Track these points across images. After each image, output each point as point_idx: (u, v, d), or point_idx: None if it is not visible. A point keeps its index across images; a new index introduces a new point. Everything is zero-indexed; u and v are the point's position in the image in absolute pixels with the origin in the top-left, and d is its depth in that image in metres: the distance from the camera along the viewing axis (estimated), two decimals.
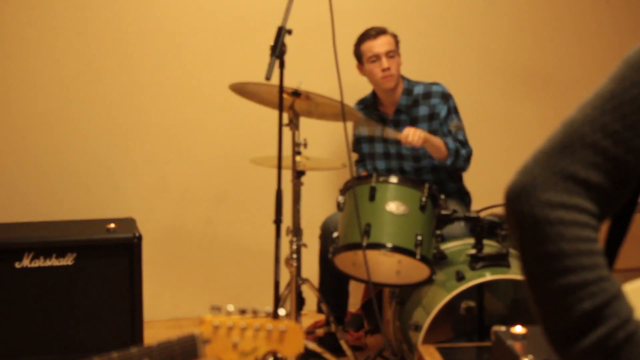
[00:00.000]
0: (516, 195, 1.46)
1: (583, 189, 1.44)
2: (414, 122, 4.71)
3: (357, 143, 4.92)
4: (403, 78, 4.81)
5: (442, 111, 4.68)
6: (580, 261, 1.41)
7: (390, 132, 4.67)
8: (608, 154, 1.45)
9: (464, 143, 4.66)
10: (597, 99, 1.52)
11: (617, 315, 1.40)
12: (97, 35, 5.19)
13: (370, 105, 4.87)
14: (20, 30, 5.08)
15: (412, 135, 4.38)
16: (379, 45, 4.68)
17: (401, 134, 4.46)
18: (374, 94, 4.87)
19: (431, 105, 4.71)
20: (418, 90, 4.76)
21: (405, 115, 4.75)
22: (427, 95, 4.73)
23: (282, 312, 2.13)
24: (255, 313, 2.08)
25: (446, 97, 4.72)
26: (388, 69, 4.65)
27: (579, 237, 1.42)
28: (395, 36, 4.77)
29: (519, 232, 1.47)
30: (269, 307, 2.12)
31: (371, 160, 4.86)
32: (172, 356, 2.03)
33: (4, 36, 5.06)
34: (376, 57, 4.67)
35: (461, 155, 4.61)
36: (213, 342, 2.06)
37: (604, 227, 1.56)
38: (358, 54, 4.78)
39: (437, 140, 4.52)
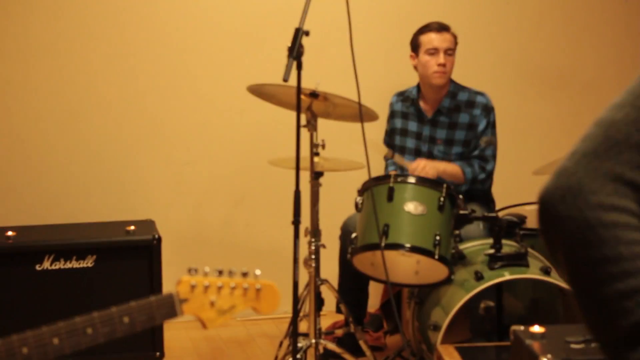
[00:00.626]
0: (560, 198, 1.41)
1: (630, 190, 1.39)
2: (452, 127, 4.71)
3: (392, 134, 4.93)
4: (451, 80, 4.80)
5: (481, 124, 4.68)
6: (638, 265, 1.36)
7: (399, 159, 4.66)
8: None
9: (488, 160, 4.67)
10: (633, 97, 1.46)
11: None
12: (116, 37, 5.22)
13: (410, 99, 4.86)
14: (37, 35, 5.11)
15: (420, 170, 4.42)
16: (441, 40, 4.68)
17: (410, 165, 4.49)
18: (418, 88, 4.86)
19: (472, 115, 4.70)
20: (462, 96, 4.75)
21: (445, 118, 4.74)
22: (471, 104, 4.72)
23: (257, 272, 2.18)
24: (231, 273, 2.12)
25: (488, 110, 4.71)
26: (444, 65, 4.65)
27: (634, 240, 1.37)
28: (455, 36, 4.76)
29: (566, 237, 1.41)
30: (245, 268, 2.14)
31: (400, 154, 4.86)
32: (151, 315, 2.09)
33: (28, 41, 5.08)
34: (435, 50, 4.66)
35: (479, 181, 4.66)
36: (190, 300, 2.13)
37: None
38: (415, 44, 4.76)
39: (452, 169, 4.55)
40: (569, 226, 1.40)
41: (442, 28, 4.71)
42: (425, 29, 4.74)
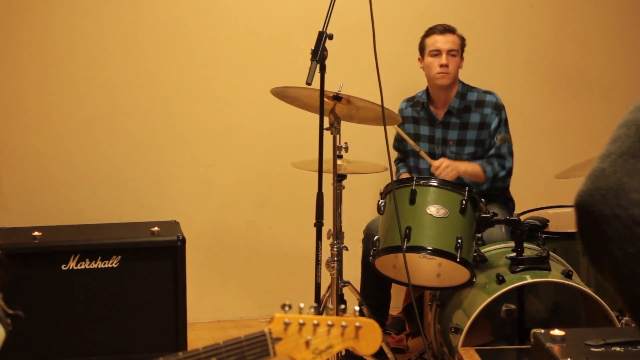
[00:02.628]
0: (601, 199, 1.43)
1: None
2: (463, 128, 4.72)
3: (402, 140, 4.94)
4: (459, 81, 4.82)
5: (493, 122, 4.70)
6: None
7: (425, 156, 4.68)
8: None
9: (506, 157, 4.69)
10: None
11: None
12: (141, 40, 5.25)
13: (421, 103, 4.88)
14: (66, 37, 5.15)
15: (442, 170, 4.45)
16: (444, 41, 4.71)
17: (433, 162, 4.51)
18: (427, 92, 4.88)
19: (483, 114, 4.72)
20: (472, 96, 4.77)
21: (456, 119, 4.75)
22: (481, 103, 4.74)
23: (356, 308, 2.01)
24: (327, 309, 1.98)
25: (499, 108, 4.73)
26: (446, 65, 4.67)
27: None
28: (462, 38, 4.79)
29: (611, 236, 1.42)
30: (343, 305, 2.03)
31: (414, 158, 4.88)
32: (241, 356, 1.92)
33: (51, 44, 5.13)
34: (437, 52, 4.70)
35: (499, 179, 4.67)
36: (284, 340, 1.95)
37: None
38: (421, 47, 4.81)
39: (473, 169, 4.57)
40: (614, 225, 1.41)
41: (445, 30, 4.73)
42: (429, 31, 4.78)
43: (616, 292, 1.45)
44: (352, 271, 4.72)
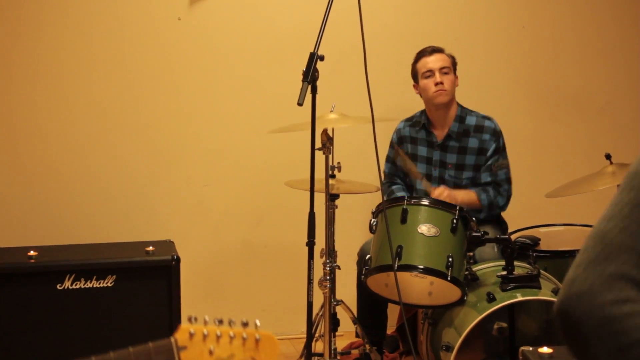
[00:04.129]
0: (577, 304, 1.57)
1: (635, 284, 1.57)
2: (462, 152, 4.75)
3: (397, 164, 4.98)
4: (457, 104, 4.86)
5: (491, 148, 4.73)
6: None
7: (425, 183, 4.72)
8: None
9: (502, 184, 4.72)
10: (620, 210, 1.64)
11: None
12: (135, 62, 5.28)
13: (420, 124, 4.91)
14: (57, 56, 5.18)
15: (441, 197, 4.48)
16: (434, 61, 4.75)
17: (433, 191, 4.55)
18: (425, 115, 4.90)
19: (482, 140, 4.74)
20: (470, 120, 4.80)
21: (455, 142, 4.78)
22: (479, 128, 4.77)
23: (257, 322, 2.16)
24: (231, 323, 2.11)
25: (497, 134, 4.76)
26: (441, 83, 4.70)
27: None
28: (452, 57, 4.83)
29: (590, 335, 1.56)
30: (246, 319, 2.17)
31: (411, 179, 4.91)
32: None
33: (41, 62, 5.16)
34: (430, 72, 4.73)
35: (498, 206, 4.71)
36: (189, 348, 2.05)
37: None
38: (414, 73, 4.84)
39: (469, 198, 4.60)
40: (591, 325, 1.56)
41: (433, 50, 4.78)
42: (418, 55, 4.82)
43: None
44: (346, 290, 4.75)
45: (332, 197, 4.22)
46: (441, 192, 4.54)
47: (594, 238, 1.65)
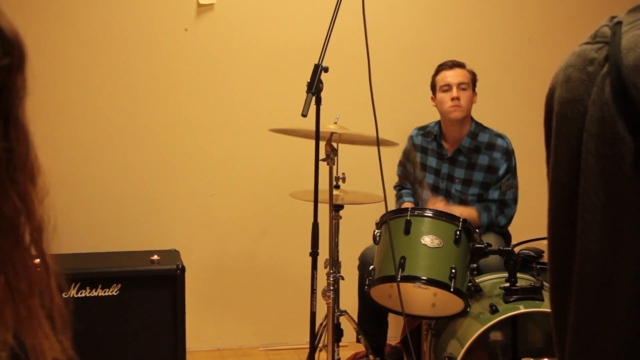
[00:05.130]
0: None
1: None
2: (471, 168, 4.77)
3: (408, 166, 5.00)
4: (472, 120, 4.87)
5: (502, 168, 4.74)
6: None
7: (426, 187, 4.74)
8: None
9: (509, 204, 4.74)
10: None
11: None
12: (142, 72, 5.30)
13: (432, 135, 4.93)
14: (64, 65, 5.20)
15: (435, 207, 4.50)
16: (453, 75, 4.77)
17: (431, 198, 4.58)
18: (439, 126, 4.92)
19: (492, 158, 4.76)
20: (483, 137, 4.81)
21: (464, 158, 4.80)
22: (491, 146, 4.78)
23: None
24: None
25: (509, 154, 4.78)
26: (457, 98, 4.72)
27: None
28: (472, 73, 4.85)
29: None
30: None
31: (420, 188, 4.93)
32: None
33: (50, 72, 5.18)
34: (448, 87, 4.76)
35: (496, 225, 4.75)
36: None
37: None
38: (432, 85, 4.87)
39: (468, 214, 4.59)
40: None
41: (454, 65, 4.79)
42: (439, 68, 4.84)
43: None
44: (350, 300, 4.76)
45: (336, 208, 4.23)
46: (434, 205, 4.56)
47: None
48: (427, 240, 4.01)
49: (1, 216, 1.21)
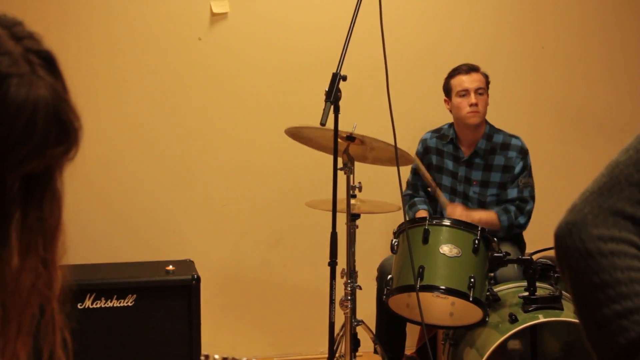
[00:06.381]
0: (568, 232, 1.58)
1: (630, 224, 1.55)
2: (487, 169, 4.77)
3: (419, 176, 4.98)
4: (486, 122, 4.86)
5: (518, 166, 4.74)
6: (634, 288, 1.51)
7: (441, 197, 4.73)
8: None
9: (527, 200, 4.73)
10: (638, 143, 1.64)
11: None
12: (155, 81, 5.30)
13: (448, 137, 4.93)
14: (78, 74, 5.19)
15: (454, 215, 4.48)
16: (470, 81, 4.77)
17: (448, 207, 4.55)
18: (453, 129, 4.92)
19: (507, 157, 4.76)
20: (497, 138, 4.82)
21: (481, 160, 4.80)
22: (506, 146, 4.79)
23: None
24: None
25: (524, 152, 4.78)
26: (476, 104, 4.72)
27: (630, 266, 1.52)
28: (486, 76, 4.85)
29: (571, 266, 1.57)
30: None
31: (430, 195, 4.92)
32: None
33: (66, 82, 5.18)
34: (465, 92, 4.75)
35: (517, 226, 4.73)
36: None
37: None
38: (447, 88, 4.86)
39: (487, 217, 4.60)
40: (573, 256, 1.56)
41: (470, 69, 4.78)
42: (454, 72, 4.82)
43: (576, 311, 1.60)
44: (366, 310, 4.74)
45: (353, 217, 4.21)
46: (452, 213, 4.54)
47: (607, 167, 1.65)
48: (446, 249, 3.99)
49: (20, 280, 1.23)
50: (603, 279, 1.52)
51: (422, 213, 4.89)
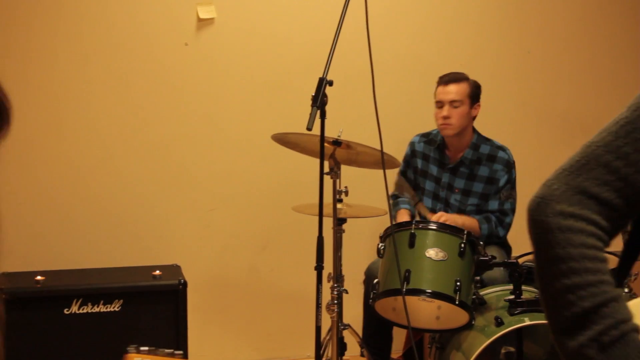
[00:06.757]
0: (536, 206, 1.64)
1: (594, 203, 1.62)
2: (471, 178, 4.78)
3: (413, 173, 5.00)
4: (474, 131, 4.87)
5: (502, 179, 4.75)
6: (584, 264, 1.57)
7: (422, 209, 4.74)
8: (619, 173, 1.63)
9: (508, 213, 4.74)
10: (613, 125, 1.71)
11: (613, 316, 1.56)
12: (142, 86, 5.29)
13: (436, 143, 4.94)
14: (63, 79, 5.19)
15: (440, 221, 4.48)
16: (445, 92, 4.76)
17: (432, 216, 4.57)
18: (441, 135, 4.92)
19: (492, 169, 4.77)
20: (484, 149, 4.83)
21: (466, 169, 4.81)
22: (492, 158, 4.80)
23: (179, 352, 2.58)
24: (159, 351, 2.42)
25: (510, 166, 4.79)
26: (447, 117, 4.72)
27: (584, 243, 1.58)
28: (473, 86, 4.81)
29: (534, 238, 1.63)
30: (171, 349, 2.61)
31: (420, 194, 4.93)
32: None
33: (50, 86, 5.18)
34: (440, 103, 4.76)
35: (496, 236, 4.74)
36: None
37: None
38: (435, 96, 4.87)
39: (470, 224, 4.62)
40: (536, 229, 1.63)
41: (449, 80, 4.77)
42: (438, 81, 4.83)
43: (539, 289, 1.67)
44: (353, 314, 4.75)
45: (339, 222, 4.22)
46: (439, 217, 4.55)
47: (582, 146, 1.71)
48: (432, 253, 4.01)
49: None
50: (557, 253, 1.58)
51: (402, 212, 4.91)
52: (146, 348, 2.43)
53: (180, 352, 2.53)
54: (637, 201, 1.64)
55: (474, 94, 4.80)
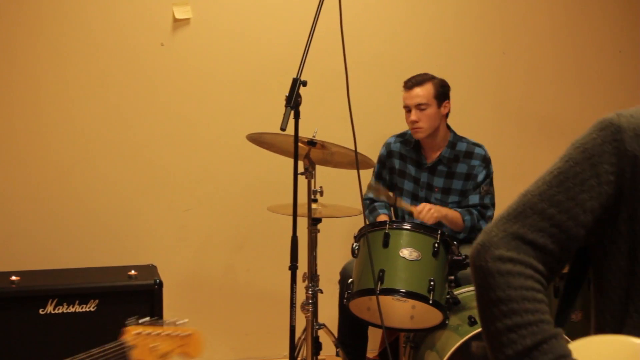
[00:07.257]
0: (477, 252, 1.76)
1: (530, 248, 1.74)
2: (450, 176, 4.80)
3: (390, 173, 5.01)
4: (449, 129, 4.89)
5: (481, 175, 4.77)
6: (524, 305, 1.68)
7: (404, 204, 4.75)
8: (553, 220, 1.76)
9: (489, 207, 4.77)
10: (547, 175, 1.88)
11: (553, 352, 1.67)
12: (118, 87, 5.29)
13: (411, 143, 4.95)
14: (40, 81, 5.18)
15: (426, 213, 4.50)
16: (411, 97, 4.76)
17: (415, 208, 4.57)
18: None
19: (470, 165, 4.79)
20: (461, 146, 4.85)
21: (444, 167, 4.83)
22: (469, 154, 4.82)
23: (184, 321, 2.65)
24: (162, 322, 2.42)
25: (486, 161, 4.81)
26: (416, 121, 4.74)
27: (523, 285, 1.70)
28: (438, 85, 4.80)
29: (477, 283, 1.76)
30: (173, 318, 2.60)
31: (399, 195, 4.94)
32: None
33: (28, 87, 5.17)
34: (407, 108, 4.77)
35: (478, 230, 4.72)
36: (137, 347, 2.44)
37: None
38: None
39: (453, 215, 4.63)
40: (477, 274, 1.75)
41: (412, 85, 4.77)
42: (403, 85, 4.82)
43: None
44: (328, 313, 4.76)
45: (314, 221, 4.23)
46: (422, 209, 4.55)
47: (520, 195, 1.85)
48: (406, 252, 4.02)
49: None
50: (498, 296, 1.69)
51: (382, 217, 4.92)
52: (147, 318, 2.44)
53: (185, 319, 2.58)
54: (571, 246, 1.76)
55: (440, 93, 4.80)
